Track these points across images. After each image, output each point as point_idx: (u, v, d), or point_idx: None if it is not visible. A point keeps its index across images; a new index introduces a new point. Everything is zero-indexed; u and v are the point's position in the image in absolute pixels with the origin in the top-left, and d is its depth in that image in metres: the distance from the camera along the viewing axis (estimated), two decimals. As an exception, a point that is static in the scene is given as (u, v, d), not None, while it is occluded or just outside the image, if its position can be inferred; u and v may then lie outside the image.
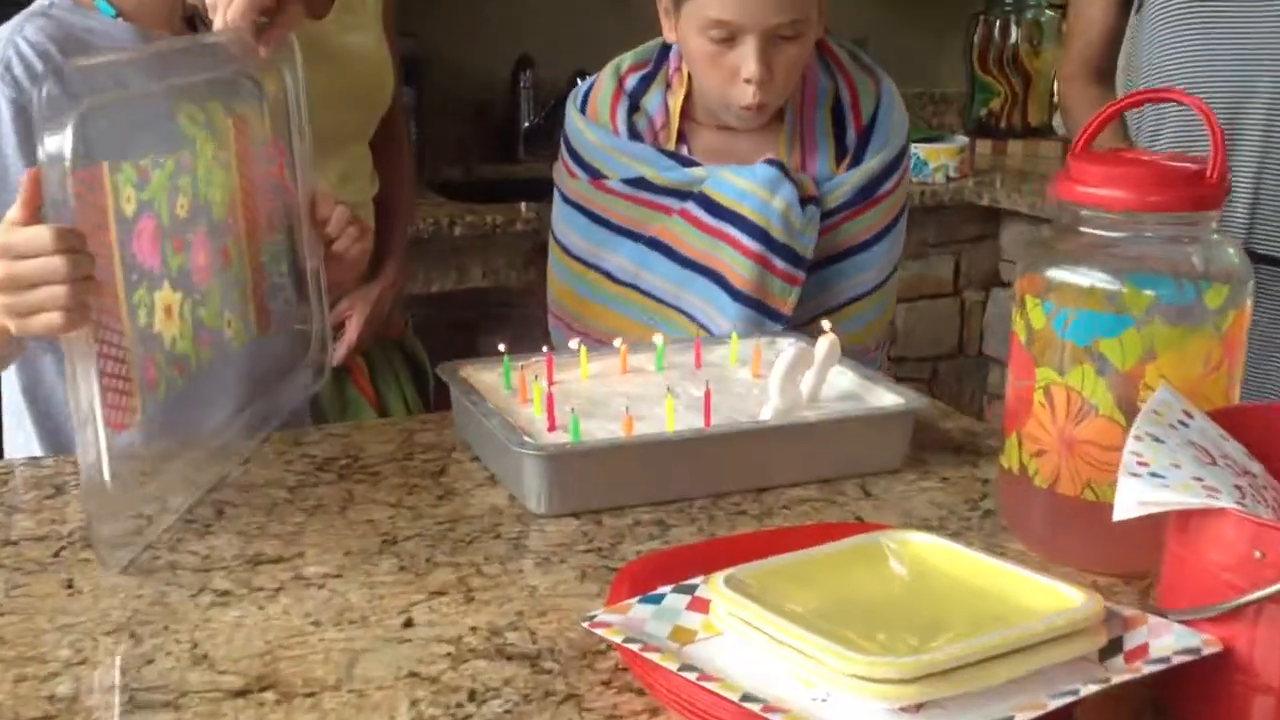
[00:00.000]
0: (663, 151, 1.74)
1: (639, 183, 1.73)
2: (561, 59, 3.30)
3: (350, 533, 1.24)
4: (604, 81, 1.81)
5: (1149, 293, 1.10)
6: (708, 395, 1.36)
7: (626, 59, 1.83)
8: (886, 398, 1.41)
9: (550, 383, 1.43)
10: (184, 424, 1.35)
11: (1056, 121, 3.59)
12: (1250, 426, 1.05)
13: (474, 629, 1.06)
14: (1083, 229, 1.14)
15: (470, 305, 2.80)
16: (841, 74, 1.78)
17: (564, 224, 1.83)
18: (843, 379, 1.47)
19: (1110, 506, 0.93)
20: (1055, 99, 3.71)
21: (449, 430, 1.50)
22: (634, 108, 1.78)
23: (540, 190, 2.97)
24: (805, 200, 1.69)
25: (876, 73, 1.80)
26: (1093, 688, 0.86)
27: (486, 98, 3.41)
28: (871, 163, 1.74)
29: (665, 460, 1.30)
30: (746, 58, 1.61)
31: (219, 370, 1.40)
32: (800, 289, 1.70)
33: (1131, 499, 0.92)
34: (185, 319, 1.32)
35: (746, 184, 1.68)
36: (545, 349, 1.50)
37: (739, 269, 1.68)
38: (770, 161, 1.69)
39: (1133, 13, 2.14)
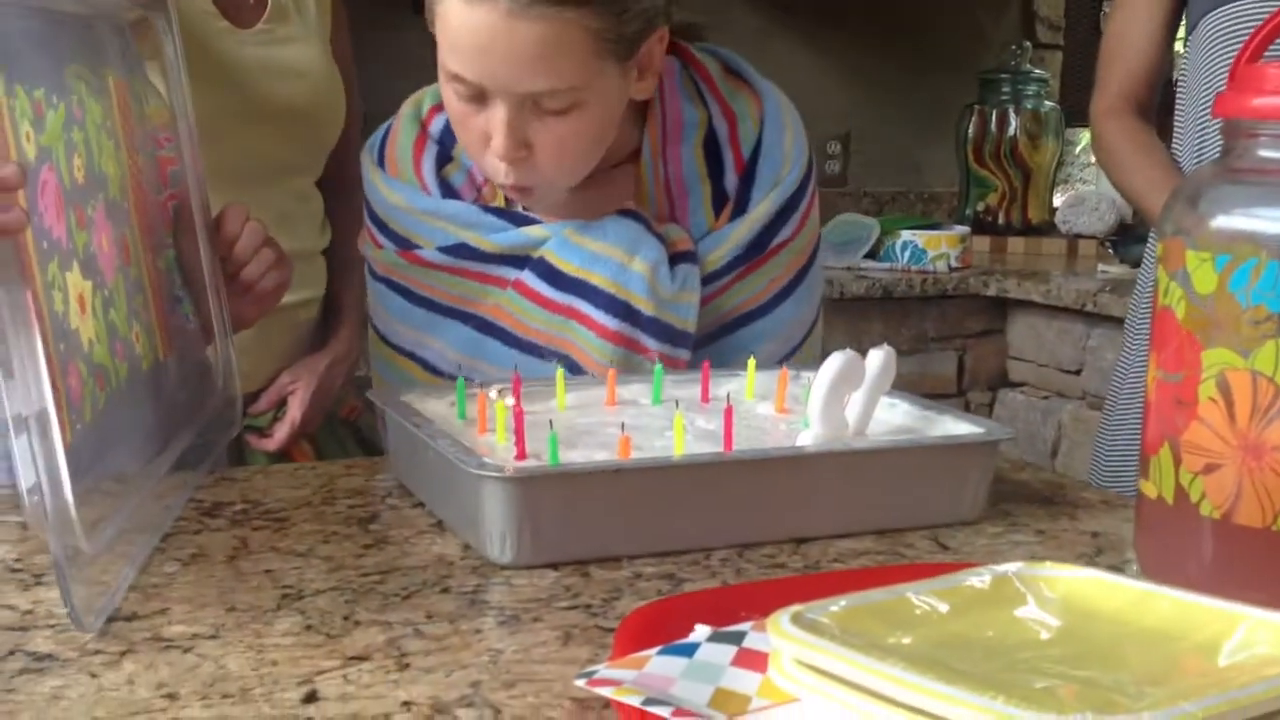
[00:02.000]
0: (488, 209, 1.32)
1: (461, 250, 1.31)
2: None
3: (239, 585, 0.89)
4: (402, 126, 1.38)
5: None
6: (728, 415, 1.02)
7: (427, 95, 1.38)
8: (959, 427, 1.08)
9: (518, 408, 1.08)
10: (104, 459, 0.98)
11: (1059, 218, 3.33)
12: None
13: (408, 704, 0.71)
14: (1264, 153, 0.83)
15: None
16: (715, 97, 1.35)
17: (376, 304, 1.41)
18: (894, 412, 1.14)
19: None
20: (1052, 193, 3.47)
21: (383, 475, 1.16)
22: (445, 157, 1.36)
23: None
24: (677, 258, 1.30)
25: (758, 87, 1.37)
26: None
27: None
28: (760, 208, 1.32)
29: (675, 495, 0.96)
30: (494, 128, 1.18)
31: (132, 394, 1.03)
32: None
33: None
34: (99, 318, 0.96)
35: (597, 245, 1.28)
36: (514, 369, 1.16)
37: (595, 354, 1.28)
38: (625, 213, 1.29)
39: (1182, 41, 1.87)
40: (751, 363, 1.23)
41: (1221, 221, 0.83)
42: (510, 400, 1.09)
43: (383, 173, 1.37)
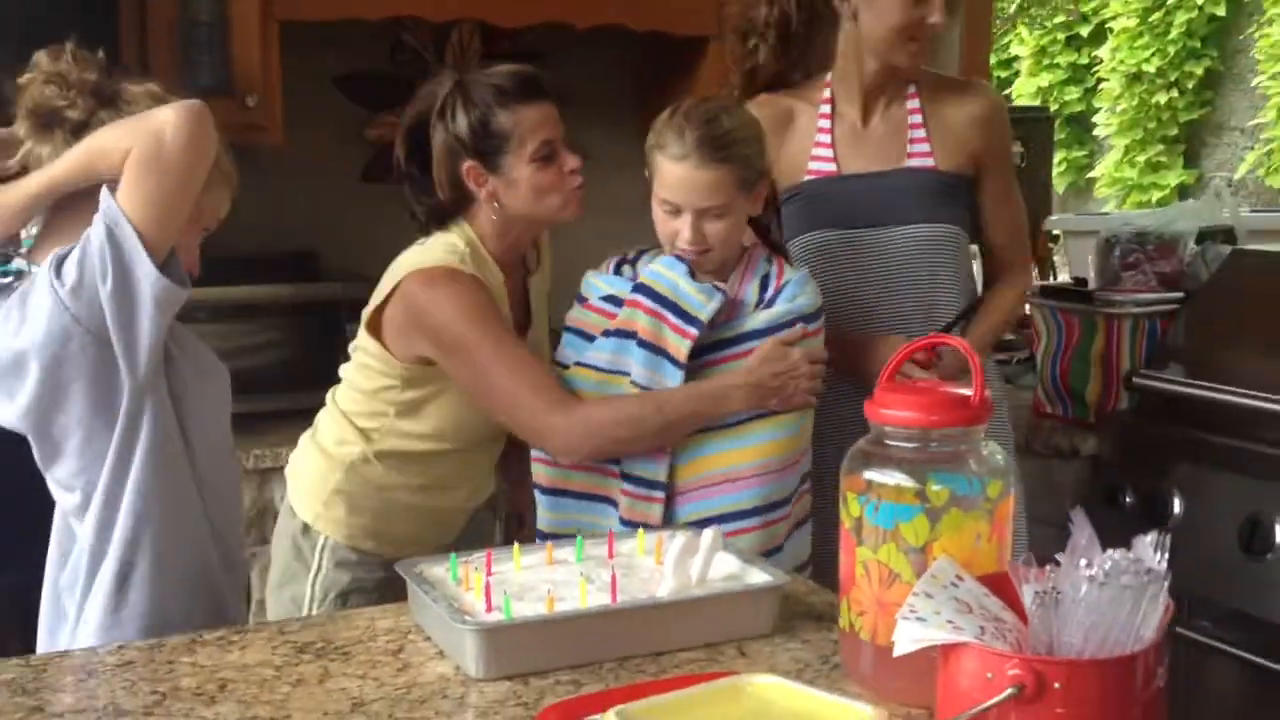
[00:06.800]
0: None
1: (610, 299, 2.22)
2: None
3: (327, 699, 1.56)
4: None
5: (940, 488, 1.46)
6: (614, 578, 1.69)
7: None
8: (760, 576, 1.75)
9: (488, 574, 1.76)
10: None
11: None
12: (1008, 587, 1.39)
13: (426, 763, 1.38)
14: (888, 441, 1.51)
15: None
16: (778, 263, 2.24)
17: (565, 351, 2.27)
18: (727, 563, 1.81)
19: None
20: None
21: (405, 617, 1.82)
22: (625, 262, 2.29)
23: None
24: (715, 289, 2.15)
25: (804, 270, 2.25)
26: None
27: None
28: (779, 308, 2.17)
29: (580, 631, 1.63)
30: (683, 229, 2.14)
31: None
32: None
33: (905, 637, 1.27)
34: None
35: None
36: (487, 551, 1.84)
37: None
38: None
39: None
40: (640, 532, 1.91)
41: (863, 475, 1.50)
42: (483, 573, 1.77)
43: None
